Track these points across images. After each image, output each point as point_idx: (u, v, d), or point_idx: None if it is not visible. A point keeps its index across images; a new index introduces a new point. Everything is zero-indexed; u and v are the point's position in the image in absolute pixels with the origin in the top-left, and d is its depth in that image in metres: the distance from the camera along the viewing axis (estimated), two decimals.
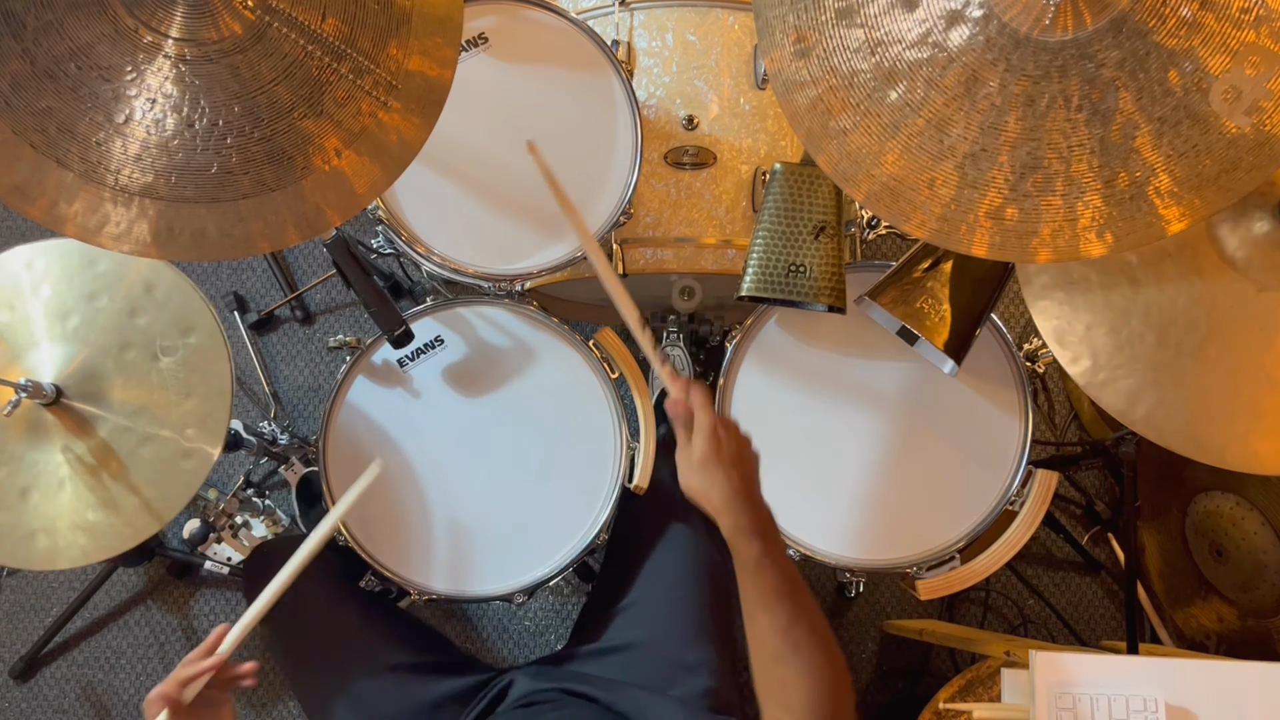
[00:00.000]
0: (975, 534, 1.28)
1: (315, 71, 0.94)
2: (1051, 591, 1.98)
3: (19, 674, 1.98)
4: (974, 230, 0.93)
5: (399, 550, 1.28)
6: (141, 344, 1.29)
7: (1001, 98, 0.89)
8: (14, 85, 0.87)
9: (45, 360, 1.28)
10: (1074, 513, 2.01)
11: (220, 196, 0.93)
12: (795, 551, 1.28)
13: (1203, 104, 0.86)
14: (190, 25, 0.90)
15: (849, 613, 1.98)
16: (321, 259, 2.12)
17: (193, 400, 1.28)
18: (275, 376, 2.09)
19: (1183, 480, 1.72)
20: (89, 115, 0.89)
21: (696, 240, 1.44)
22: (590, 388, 1.33)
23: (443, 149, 1.30)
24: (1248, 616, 1.63)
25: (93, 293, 1.30)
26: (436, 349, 1.34)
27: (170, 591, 2.01)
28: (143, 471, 1.26)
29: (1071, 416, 2.04)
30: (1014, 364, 1.31)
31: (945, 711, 1.45)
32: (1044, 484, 1.26)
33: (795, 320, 1.34)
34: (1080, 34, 0.87)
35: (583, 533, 1.29)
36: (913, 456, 1.30)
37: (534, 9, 1.33)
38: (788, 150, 1.46)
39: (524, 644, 1.99)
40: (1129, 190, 0.89)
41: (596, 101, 1.32)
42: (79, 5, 0.87)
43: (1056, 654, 1.09)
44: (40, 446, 1.27)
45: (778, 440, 1.31)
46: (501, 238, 1.31)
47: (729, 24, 1.45)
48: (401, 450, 1.31)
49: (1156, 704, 1.05)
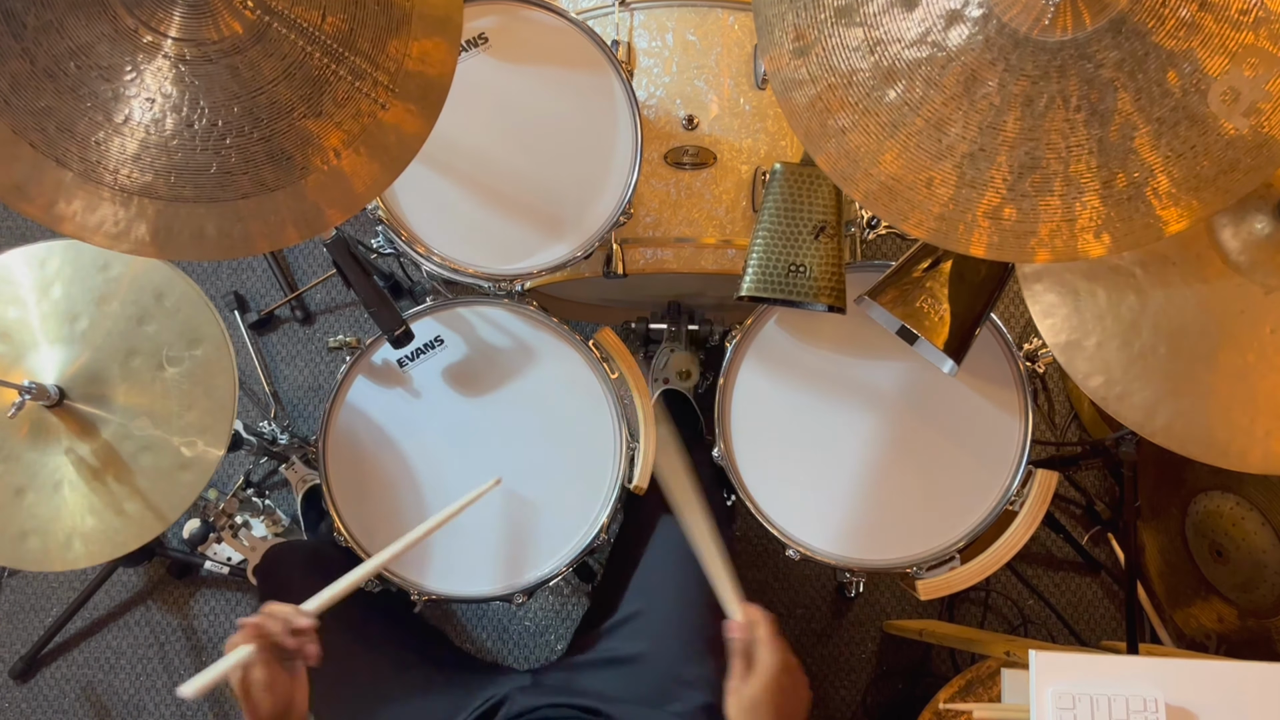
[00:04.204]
0: (975, 534, 1.28)
1: (315, 71, 0.94)
2: (1051, 591, 1.98)
3: (19, 674, 1.98)
4: (972, 230, 0.93)
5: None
6: (148, 352, 1.29)
7: (1000, 97, 0.89)
8: (13, 84, 0.87)
9: (50, 361, 1.28)
10: (1074, 513, 2.01)
11: (219, 196, 0.93)
12: (795, 551, 1.28)
13: (1201, 105, 0.86)
14: (190, 25, 0.90)
15: (849, 613, 1.98)
16: (321, 259, 2.12)
17: (195, 412, 1.28)
18: (275, 376, 2.09)
19: (1183, 480, 1.72)
20: (88, 115, 0.89)
21: (696, 240, 1.44)
22: (590, 388, 1.33)
23: (443, 149, 1.30)
24: (1248, 616, 1.63)
25: (103, 296, 1.30)
26: (436, 349, 1.34)
27: (170, 591, 2.01)
28: (145, 476, 1.26)
29: (1071, 416, 2.04)
30: (1014, 364, 1.31)
31: (945, 711, 1.45)
32: (1044, 484, 1.26)
33: (795, 320, 1.34)
34: (1079, 34, 0.87)
35: (583, 533, 1.29)
36: (913, 456, 1.30)
37: (534, 9, 1.33)
38: (788, 150, 1.46)
39: (524, 644, 1.99)
40: (1127, 191, 0.89)
41: (596, 101, 1.32)
42: (79, 5, 0.87)
43: (1056, 654, 1.09)
44: (42, 448, 1.27)
45: (778, 440, 1.32)
46: (501, 238, 1.31)
47: (729, 24, 1.45)
48: (401, 450, 1.32)
49: (1156, 704, 1.04)
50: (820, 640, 1.97)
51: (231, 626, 2.00)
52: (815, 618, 1.98)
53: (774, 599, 1.99)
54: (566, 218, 1.32)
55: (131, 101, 0.90)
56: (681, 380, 1.71)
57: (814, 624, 1.98)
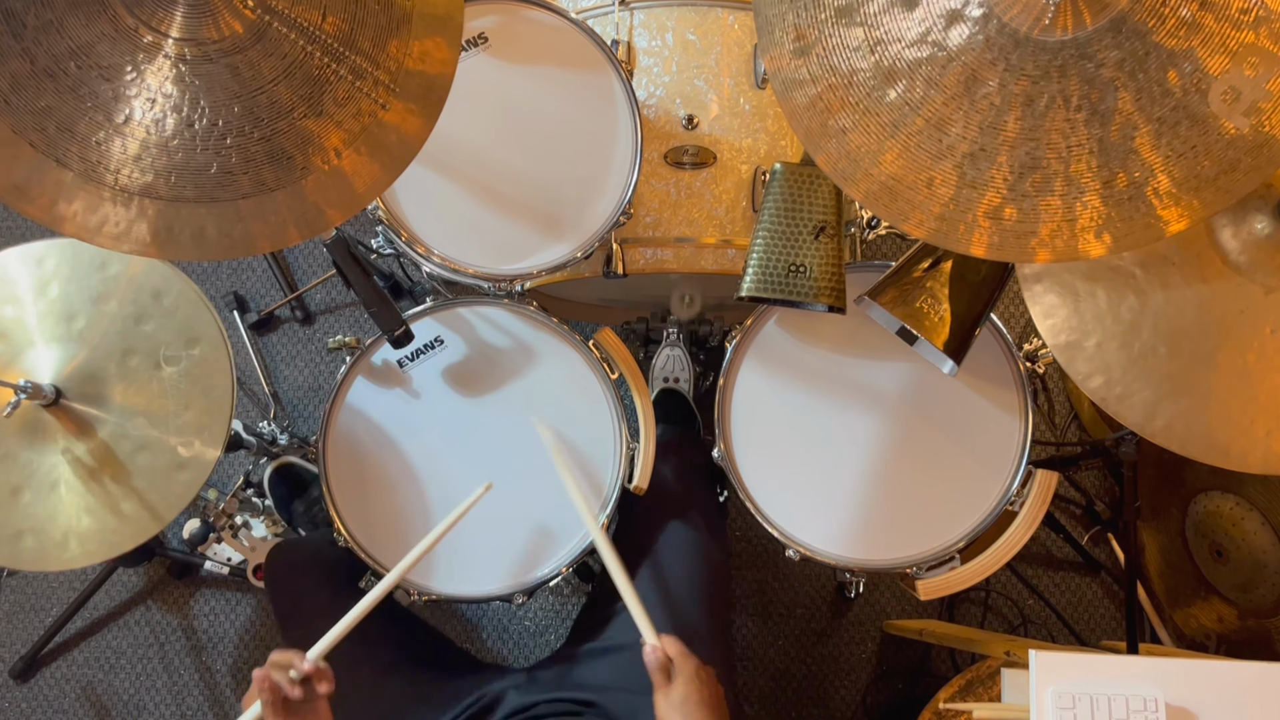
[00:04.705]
0: (975, 534, 1.28)
1: (315, 71, 0.94)
2: (1051, 591, 1.98)
3: (19, 674, 1.98)
4: (972, 230, 0.93)
5: (399, 550, 1.28)
6: (145, 351, 1.29)
7: (1001, 97, 0.89)
8: (14, 84, 0.87)
9: (47, 360, 1.28)
10: (1074, 513, 2.01)
11: (220, 196, 0.93)
12: (795, 552, 1.28)
13: (1202, 105, 0.86)
14: (190, 25, 0.90)
15: (849, 613, 1.98)
16: (321, 259, 2.12)
17: (192, 412, 1.28)
18: (275, 376, 2.09)
19: (1183, 480, 1.72)
20: (89, 115, 0.89)
21: (696, 240, 1.44)
22: (590, 388, 1.33)
23: (443, 149, 1.30)
24: (1248, 616, 1.63)
25: (101, 295, 1.30)
26: (436, 349, 1.34)
27: (170, 591, 2.01)
28: (141, 475, 1.26)
29: (1071, 416, 2.04)
30: (1014, 364, 1.31)
31: (945, 711, 1.45)
32: (1044, 484, 1.26)
33: (795, 320, 1.34)
34: (1080, 34, 0.87)
35: (583, 533, 1.29)
36: (912, 457, 1.30)
37: (534, 9, 1.33)
38: (788, 150, 1.46)
39: (524, 644, 1.99)
40: (1127, 191, 0.89)
41: (596, 101, 1.32)
42: (79, 4, 0.87)
43: (1056, 654, 1.09)
44: (39, 447, 1.26)
45: (777, 441, 1.32)
46: (501, 238, 1.31)
47: (729, 23, 1.45)
48: (401, 450, 1.31)
49: (1156, 704, 1.04)
50: (820, 640, 1.97)
51: (232, 626, 2.00)
52: (815, 618, 1.98)
53: (774, 599, 1.99)
54: (566, 218, 1.32)
55: (132, 101, 0.90)
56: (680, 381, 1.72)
57: (814, 624, 1.98)
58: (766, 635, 1.98)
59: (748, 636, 1.98)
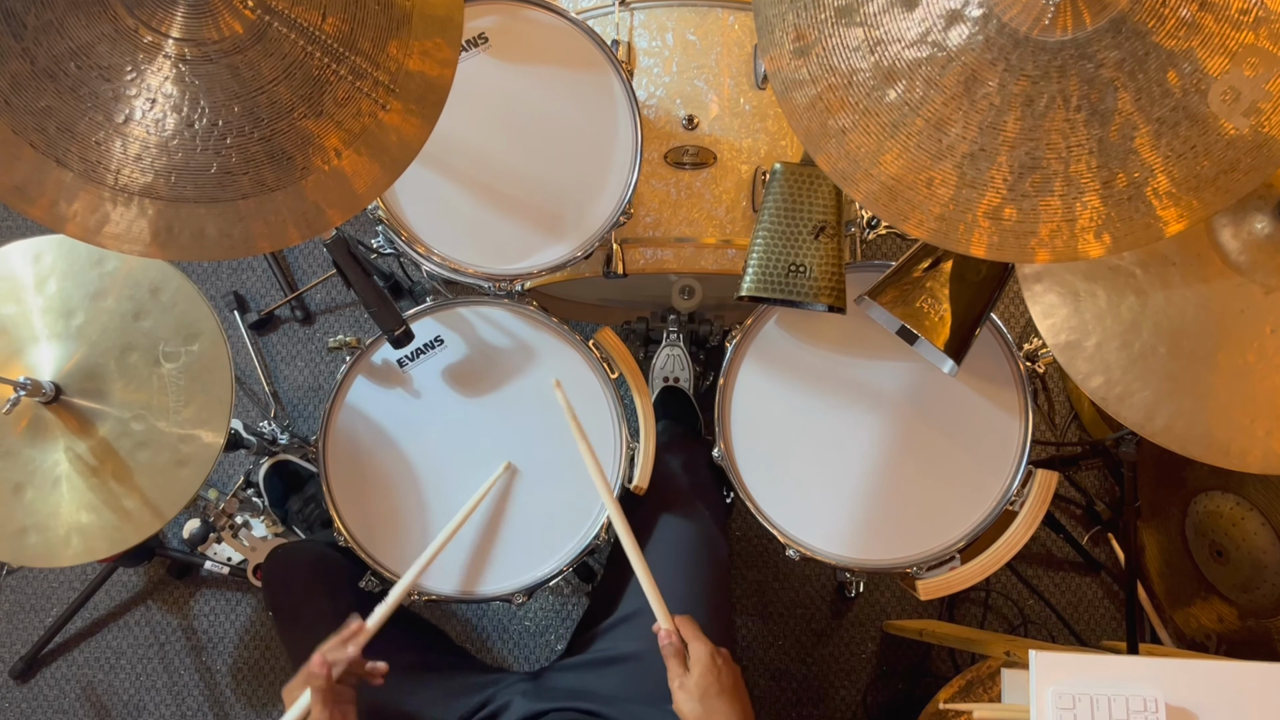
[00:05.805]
0: (975, 534, 1.28)
1: (315, 71, 0.94)
2: (1051, 591, 1.99)
3: (19, 674, 1.98)
4: (972, 230, 0.93)
5: (399, 550, 1.28)
6: (144, 347, 1.29)
7: (1000, 97, 0.89)
8: (14, 85, 0.87)
9: (47, 357, 1.28)
10: (1074, 513, 2.01)
11: (220, 196, 0.93)
12: (795, 552, 1.28)
13: (1201, 105, 0.86)
14: (190, 25, 0.90)
15: (849, 613, 1.98)
16: (321, 259, 2.13)
17: (191, 408, 1.28)
18: (275, 376, 2.10)
19: (1183, 480, 1.72)
20: (89, 115, 0.89)
21: (696, 240, 1.44)
22: (590, 388, 1.33)
23: (443, 149, 1.30)
24: (1248, 616, 1.63)
25: (99, 291, 1.30)
26: (436, 349, 1.34)
27: (170, 591, 2.01)
28: (142, 472, 1.26)
29: (1071, 416, 2.04)
30: (1014, 364, 1.31)
31: (945, 711, 1.45)
32: (1044, 484, 1.26)
33: (795, 320, 1.34)
34: (1079, 34, 0.87)
35: (583, 533, 1.29)
36: (912, 456, 1.30)
37: (534, 9, 1.33)
38: (788, 150, 1.46)
39: (524, 644, 1.99)
40: (1127, 191, 0.89)
41: (596, 101, 1.32)
42: (79, 5, 0.87)
43: (1056, 654, 1.09)
44: (40, 444, 1.27)
45: (777, 440, 1.32)
46: (501, 238, 1.31)
47: (729, 24, 1.45)
48: (401, 450, 1.32)
49: (1156, 704, 1.05)
50: (820, 640, 1.97)
51: (232, 626, 2.00)
52: (815, 618, 1.98)
53: (774, 599, 1.99)
54: (566, 218, 1.32)
55: (132, 101, 0.90)
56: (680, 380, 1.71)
57: (814, 624, 1.98)
58: (766, 635, 1.98)
59: (748, 636, 1.98)
